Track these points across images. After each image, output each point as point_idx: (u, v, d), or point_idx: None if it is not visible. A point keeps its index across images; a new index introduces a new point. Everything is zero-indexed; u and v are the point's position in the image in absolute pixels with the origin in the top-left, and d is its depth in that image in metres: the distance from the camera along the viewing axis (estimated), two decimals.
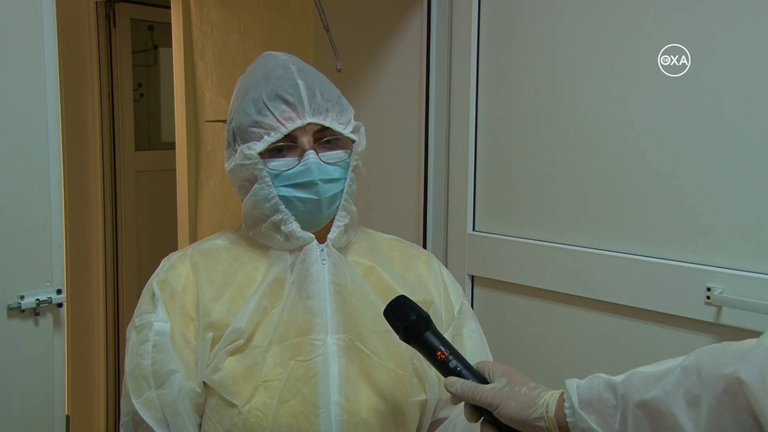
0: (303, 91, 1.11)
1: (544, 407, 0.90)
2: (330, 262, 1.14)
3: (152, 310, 1.11)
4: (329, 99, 1.13)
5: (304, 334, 1.10)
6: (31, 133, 1.51)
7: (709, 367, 0.80)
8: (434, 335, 1.01)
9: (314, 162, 1.09)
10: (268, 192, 1.10)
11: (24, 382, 1.52)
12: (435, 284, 1.25)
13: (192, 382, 1.09)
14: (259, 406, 1.06)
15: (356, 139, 1.15)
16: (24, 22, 1.49)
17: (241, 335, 1.08)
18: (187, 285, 1.12)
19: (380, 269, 1.20)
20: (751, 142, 1.52)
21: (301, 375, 1.08)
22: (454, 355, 0.99)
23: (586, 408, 0.87)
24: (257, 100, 1.11)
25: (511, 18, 1.92)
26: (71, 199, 3.34)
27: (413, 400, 1.14)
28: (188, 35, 3.37)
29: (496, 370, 0.97)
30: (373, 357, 1.11)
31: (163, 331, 1.10)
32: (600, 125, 1.76)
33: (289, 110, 1.10)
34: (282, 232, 1.12)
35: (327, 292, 1.13)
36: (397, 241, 1.31)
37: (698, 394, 0.79)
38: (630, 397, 0.84)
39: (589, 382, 0.90)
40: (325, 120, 1.11)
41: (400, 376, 1.13)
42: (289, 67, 1.14)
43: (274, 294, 1.12)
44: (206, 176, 3.40)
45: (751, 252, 1.53)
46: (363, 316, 1.12)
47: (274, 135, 1.09)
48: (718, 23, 1.55)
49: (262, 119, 1.10)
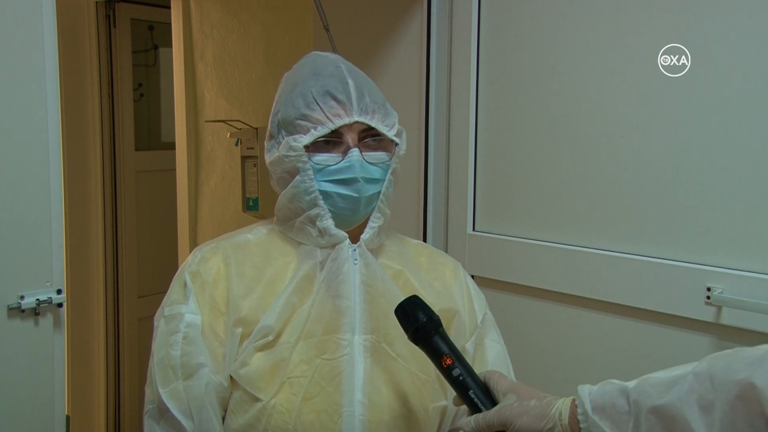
0: (352, 90, 1.12)
1: (557, 416, 0.90)
2: (362, 262, 1.14)
3: (183, 301, 1.12)
4: (376, 101, 1.14)
5: (331, 332, 1.10)
6: (31, 133, 1.51)
7: (722, 373, 0.80)
8: (442, 340, 1.01)
9: (358, 159, 1.10)
10: (309, 185, 1.11)
11: (24, 382, 1.52)
12: (460, 293, 1.25)
13: (219, 376, 1.10)
14: (283, 402, 1.07)
15: (399, 142, 1.17)
16: (24, 22, 1.49)
17: (270, 332, 1.09)
18: (218, 278, 1.13)
19: (409, 274, 1.20)
20: (751, 142, 1.52)
21: (326, 373, 1.08)
22: (460, 362, 0.99)
23: (599, 414, 0.87)
24: (306, 94, 1.12)
25: (511, 18, 1.92)
26: (71, 199, 3.34)
27: (434, 406, 1.14)
28: (188, 35, 3.37)
29: (501, 382, 0.97)
30: (399, 360, 1.12)
31: (193, 323, 1.10)
32: (600, 125, 1.75)
33: (338, 107, 1.11)
34: (317, 227, 1.13)
35: (357, 292, 1.13)
36: (425, 246, 1.32)
37: (711, 399, 0.79)
38: (643, 403, 0.84)
39: (601, 389, 0.90)
40: (372, 120, 1.12)
41: (423, 381, 1.13)
42: (339, 65, 1.16)
43: (303, 291, 1.12)
44: (206, 176, 3.40)
45: (751, 252, 1.53)
46: (391, 318, 1.11)
47: (321, 129, 1.10)
48: (718, 23, 1.55)
49: (310, 113, 1.11)
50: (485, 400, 0.98)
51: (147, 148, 3.80)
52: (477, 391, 0.98)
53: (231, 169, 3.25)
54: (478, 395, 0.98)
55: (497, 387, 0.97)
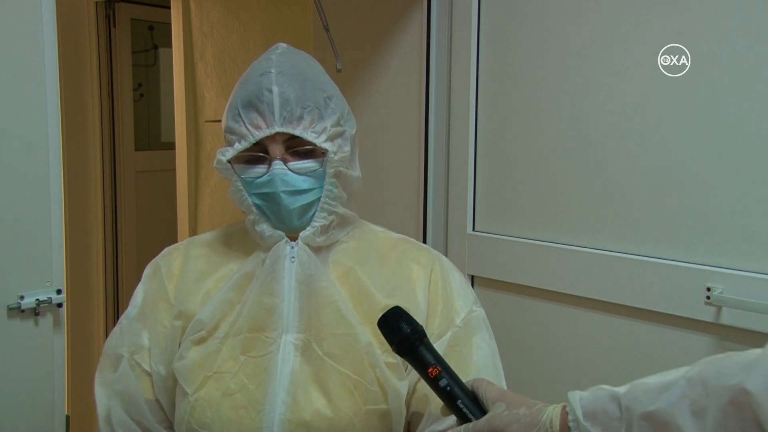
0: (275, 98, 1.07)
1: (547, 423, 0.89)
2: (298, 260, 1.13)
3: (136, 311, 1.20)
4: (306, 105, 1.08)
5: (258, 330, 1.11)
6: (31, 133, 1.51)
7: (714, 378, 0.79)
8: (428, 350, 0.98)
9: (278, 173, 1.08)
10: (241, 196, 1.12)
11: (24, 382, 1.52)
12: (425, 291, 1.17)
13: (159, 365, 1.15)
14: (205, 396, 1.09)
15: (328, 148, 1.09)
16: (24, 21, 1.49)
17: (203, 327, 1.12)
18: (174, 272, 1.19)
19: (359, 271, 1.16)
20: (751, 142, 1.52)
21: (249, 370, 1.09)
22: (447, 372, 0.97)
23: (590, 420, 0.87)
24: (233, 105, 1.11)
25: (511, 18, 1.92)
26: (71, 199, 3.34)
27: (369, 408, 1.10)
28: (188, 35, 3.37)
29: (490, 391, 0.95)
30: (327, 360, 1.10)
31: (129, 315, 1.21)
32: (600, 125, 1.75)
33: (258, 118, 1.08)
34: (256, 231, 1.14)
35: (292, 290, 1.12)
36: (405, 242, 1.25)
37: (704, 405, 0.79)
38: (634, 409, 0.83)
39: (592, 394, 0.89)
40: (296, 129, 1.08)
41: (356, 383, 1.10)
42: (269, 70, 1.10)
43: (242, 288, 1.13)
44: (206, 176, 3.40)
45: (751, 252, 1.53)
46: (323, 316, 1.10)
47: (244, 143, 1.09)
48: (718, 23, 1.55)
49: (234, 126, 1.10)
50: (474, 409, 0.96)
51: (147, 148, 3.80)
52: (465, 401, 0.96)
53: None
54: (466, 404, 0.96)
55: (486, 395, 0.96)
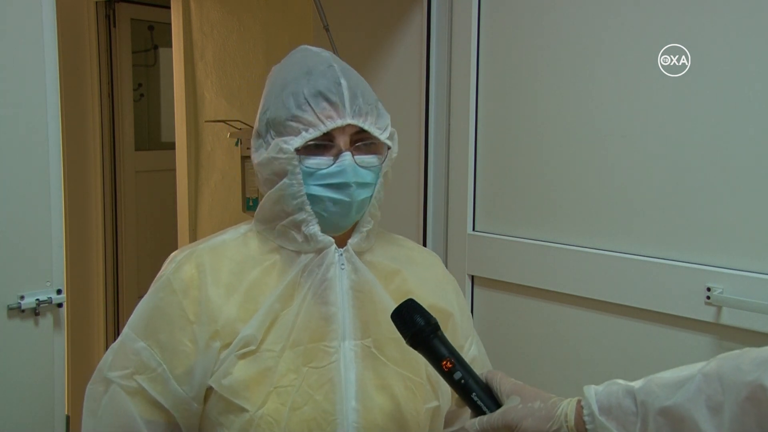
0: (345, 91, 1.08)
1: (562, 417, 0.90)
2: (349, 267, 1.12)
3: (141, 329, 1.09)
4: (369, 102, 1.11)
5: (318, 340, 1.08)
6: (31, 133, 1.51)
7: (730, 374, 0.79)
8: (441, 342, 0.99)
9: (350, 164, 1.07)
10: (297, 189, 1.07)
11: (24, 382, 1.52)
12: (454, 291, 1.25)
13: (184, 386, 1.07)
14: (270, 412, 1.04)
15: (391, 145, 1.13)
16: (24, 21, 1.49)
17: (252, 341, 1.06)
18: (188, 286, 1.08)
19: (406, 273, 1.18)
20: (751, 142, 1.52)
21: (313, 382, 1.07)
22: (461, 365, 0.98)
23: (605, 415, 0.87)
24: (297, 94, 1.08)
25: (511, 18, 1.92)
26: (71, 199, 3.34)
27: (426, 407, 1.13)
28: (188, 35, 3.37)
29: (504, 383, 0.96)
30: (390, 364, 1.11)
31: (132, 330, 1.11)
32: (600, 125, 1.75)
33: (330, 109, 1.07)
34: (302, 233, 1.10)
35: (345, 297, 1.11)
36: (411, 242, 1.30)
37: (720, 401, 0.79)
38: (650, 404, 0.84)
39: (607, 389, 0.89)
40: (365, 123, 1.09)
41: (416, 384, 1.12)
42: (332, 65, 1.12)
43: (286, 297, 1.09)
44: (206, 176, 3.40)
45: (751, 252, 1.53)
46: (381, 322, 1.10)
47: (313, 132, 1.06)
48: (718, 23, 1.55)
49: (301, 114, 1.06)
50: (489, 402, 0.97)
51: (147, 148, 3.80)
52: (480, 393, 0.97)
53: (231, 169, 3.25)
54: (481, 397, 0.97)
55: (500, 388, 0.96)
